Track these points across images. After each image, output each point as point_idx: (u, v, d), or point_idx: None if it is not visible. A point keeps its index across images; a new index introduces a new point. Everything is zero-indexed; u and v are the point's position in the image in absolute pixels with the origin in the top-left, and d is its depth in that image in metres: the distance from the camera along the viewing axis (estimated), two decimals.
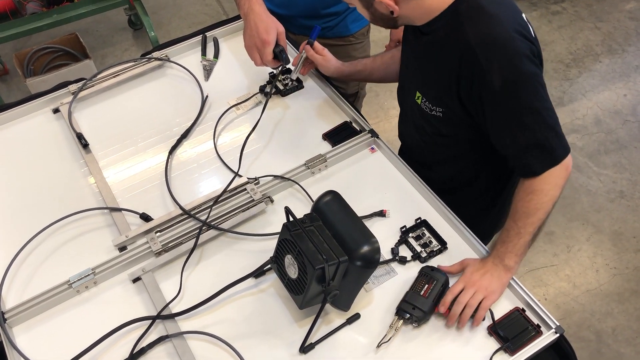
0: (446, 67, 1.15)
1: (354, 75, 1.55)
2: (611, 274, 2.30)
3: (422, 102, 1.26)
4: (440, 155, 1.37)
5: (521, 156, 1.13)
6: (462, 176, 1.38)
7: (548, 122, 1.11)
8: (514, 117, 1.11)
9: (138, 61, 1.65)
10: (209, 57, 1.69)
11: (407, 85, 1.35)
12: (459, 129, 1.26)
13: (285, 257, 1.08)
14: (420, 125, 1.33)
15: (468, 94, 1.14)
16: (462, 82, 1.13)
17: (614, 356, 2.09)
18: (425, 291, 1.13)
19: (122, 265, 1.22)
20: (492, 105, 1.12)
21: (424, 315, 1.11)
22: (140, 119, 1.53)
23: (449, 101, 1.19)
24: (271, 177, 1.36)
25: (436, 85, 1.21)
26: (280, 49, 1.42)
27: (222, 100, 1.57)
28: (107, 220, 1.32)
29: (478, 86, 1.11)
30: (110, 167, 1.42)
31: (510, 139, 1.14)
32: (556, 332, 1.10)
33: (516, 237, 1.14)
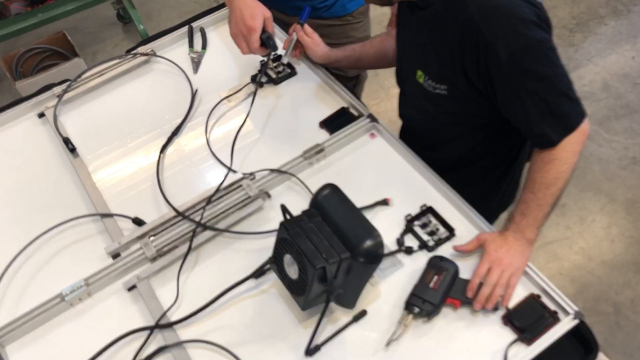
0: (448, 42, 1.09)
1: (343, 61, 1.48)
2: (627, 244, 2.23)
3: (425, 80, 1.19)
4: (445, 135, 1.30)
5: (535, 127, 1.07)
6: (468, 155, 1.32)
7: (560, 87, 1.05)
8: (524, 87, 1.04)
9: (123, 58, 1.59)
10: (197, 48, 1.62)
11: (406, 65, 1.28)
12: (465, 106, 1.19)
13: (284, 257, 1.03)
14: (423, 106, 1.26)
15: (474, 69, 1.08)
16: (467, 56, 1.07)
17: (634, 328, 2.02)
18: (435, 283, 1.07)
19: (116, 274, 1.17)
20: (500, 77, 1.05)
21: (435, 308, 1.05)
22: (128, 119, 1.47)
23: (454, 77, 1.13)
24: (267, 171, 1.29)
25: (438, 61, 1.14)
26: (268, 35, 1.35)
27: (212, 93, 1.50)
28: (98, 227, 1.27)
29: (484, 60, 1.04)
30: (100, 171, 1.36)
31: (522, 110, 1.07)
32: (575, 317, 1.04)
33: (536, 209, 1.09)
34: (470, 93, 1.14)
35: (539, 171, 1.09)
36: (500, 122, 1.17)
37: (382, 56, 1.45)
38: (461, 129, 1.26)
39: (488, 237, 1.11)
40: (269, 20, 1.36)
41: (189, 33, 1.64)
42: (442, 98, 1.18)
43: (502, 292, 1.06)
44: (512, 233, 1.10)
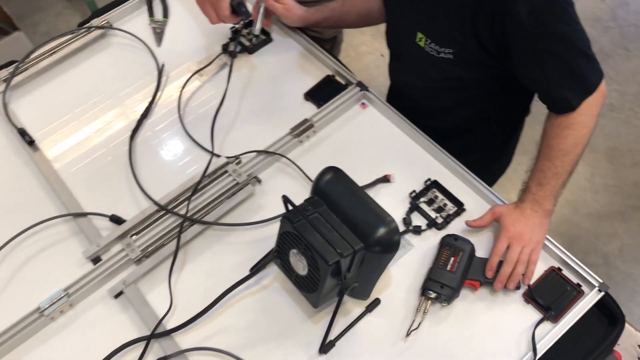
0: (457, 3, 0.99)
1: (322, 23, 1.35)
2: (611, 193, 2.22)
3: (427, 44, 1.09)
4: (448, 102, 1.21)
5: (555, 90, 1.00)
6: (470, 122, 1.24)
7: (580, 47, 0.97)
8: (544, 48, 0.96)
9: (76, 33, 1.42)
10: (158, 17, 1.46)
11: (401, 26, 1.17)
12: (472, 71, 1.10)
13: (290, 251, 0.93)
14: (423, 70, 1.16)
15: (488, 30, 0.98)
16: (480, 16, 0.97)
17: (624, 278, 2.03)
18: (452, 265, 1.00)
19: (99, 280, 1.05)
20: (518, 38, 0.97)
21: (454, 292, 0.98)
22: (89, 102, 1.31)
23: (463, 40, 1.03)
24: (254, 153, 1.18)
25: (445, 23, 1.04)
26: (239, 1, 1.21)
27: (181, 68, 1.36)
28: (72, 228, 1.13)
29: (501, 19, 0.95)
30: (65, 165, 1.22)
31: (542, 73, 0.99)
32: (600, 290, 0.99)
33: (554, 178, 1.02)
34: (479, 57, 1.04)
35: (556, 137, 1.02)
36: (508, 87, 1.08)
37: (365, 15, 1.32)
38: (466, 95, 1.17)
39: (504, 211, 1.03)
40: None
41: (148, 0, 1.48)
42: (448, 62, 1.09)
43: (523, 269, 0.99)
44: (529, 204, 1.02)
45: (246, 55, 1.37)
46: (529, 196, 1.03)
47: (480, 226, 1.05)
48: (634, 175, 2.26)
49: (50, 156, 1.23)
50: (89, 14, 2.79)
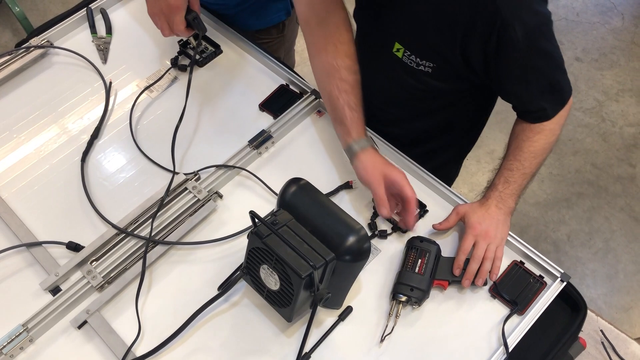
0: (452, 18, 1.00)
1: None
2: (555, 182, 2.32)
3: (405, 55, 1.10)
4: (414, 110, 1.23)
5: (535, 102, 1.04)
6: (434, 130, 1.26)
7: (559, 62, 1.03)
8: (531, 65, 1.00)
9: (14, 53, 1.35)
10: (101, 33, 1.42)
11: (376, 35, 1.17)
12: (448, 83, 1.12)
13: (260, 267, 0.92)
14: (396, 80, 1.17)
15: (479, 48, 1.00)
16: (475, 34, 0.99)
17: (574, 262, 2.12)
18: (420, 267, 1.01)
19: (60, 312, 1.01)
20: (508, 56, 0.99)
21: (424, 293, 1.00)
22: (34, 126, 1.26)
23: (447, 55, 1.05)
24: (213, 167, 1.16)
25: (432, 37, 1.05)
26: (194, 16, 1.18)
27: (130, 85, 1.32)
28: (26, 259, 1.08)
29: (497, 38, 0.97)
30: (14, 193, 1.16)
31: (524, 86, 1.03)
32: (562, 280, 1.03)
33: (521, 178, 1.06)
34: (459, 71, 1.07)
35: (527, 140, 1.06)
36: (477, 95, 1.12)
37: None
38: (435, 104, 1.19)
39: (468, 209, 1.06)
40: None
41: (89, 17, 1.43)
42: (425, 74, 1.11)
43: (490, 266, 1.02)
44: (494, 202, 1.05)
45: (196, 69, 1.35)
46: (495, 193, 1.06)
47: (447, 228, 1.07)
48: (575, 163, 2.36)
49: None
50: (20, 30, 2.71)
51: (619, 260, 2.15)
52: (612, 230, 2.21)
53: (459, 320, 1.01)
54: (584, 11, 2.91)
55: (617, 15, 2.89)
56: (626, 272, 2.13)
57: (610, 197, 2.29)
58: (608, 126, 2.50)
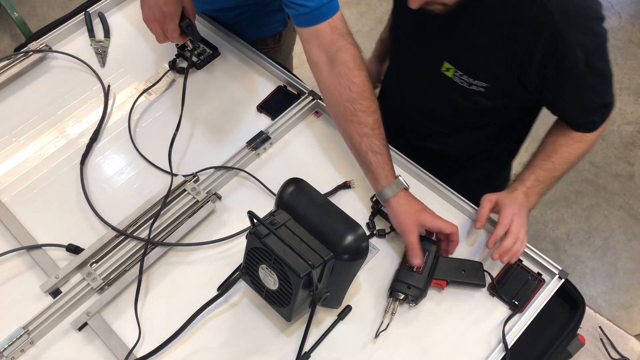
0: (509, 42, 1.00)
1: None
2: None
3: (456, 75, 1.10)
4: (456, 126, 1.24)
5: (585, 116, 1.07)
6: (476, 143, 1.27)
7: (610, 79, 1.05)
8: (587, 83, 1.02)
9: (13, 58, 1.36)
10: (99, 37, 1.42)
11: (423, 54, 1.16)
12: (500, 101, 1.12)
13: (259, 267, 0.92)
14: (442, 96, 1.17)
15: (537, 70, 1.01)
16: (534, 58, 0.99)
17: (573, 261, 2.12)
18: (419, 266, 1.01)
19: (60, 314, 1.01)
20: (567, 77, 1.00)
21: (421, 292, 1.00)
22: (33, 129, 1.26)
23: (503, 76, 1.05)
24: (212, 169, 1.16)
25: (487, 60, 1.05)
26: (188, 23, 1.18)
27: (128, 88, 1.33)
28: (26, 262, 1.09)
29: (557, 61, 0.98)
30: (14, 197, 1.17)
31: (577, 104, 1.06)
32: (560, 277, 1.03)
33: (550, 179, 1.08)
34: (512, 89, 1.07)
35: (565, 145, 1.08)
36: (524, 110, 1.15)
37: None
38: (482, 120, 1.20)
39: (499, 196, 1.05)
40: (189, 3, 1.18)
41: (87, 21, 1.44)
42: (477, 94, 1.11)
43: (521, 247, 1.01)
44: (521, 195, 1.06)
45: (194, 71, 1.35)
46: (522, 188, 1.06)
47: (484, 219, 1.04)
48: None
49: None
50: (19, 36, 2.71)
51: (618, 258, 2.15)
52: (611, 229, 2.22)
53: (458, 319, 1.01)
54: None
55: (614, 15, 2.90)
56: (626, 270, 2.13)
57: (609, 196, 2.30)
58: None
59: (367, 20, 2.90)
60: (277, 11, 1.50)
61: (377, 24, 2.88)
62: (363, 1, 2.97)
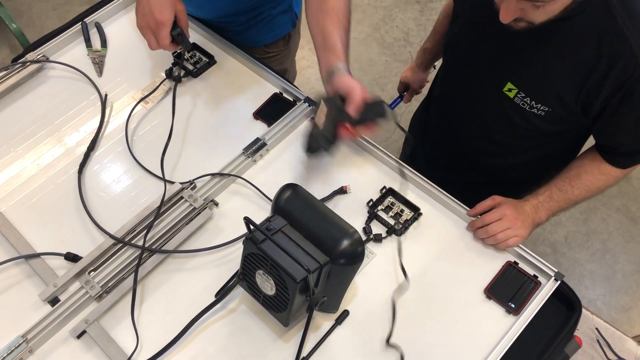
0: (581, 67, 0.99)
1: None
2: None
3: (519, 96, 1.09)
4: (509, 147, 1.24)
5: (625, 148, 1.06)
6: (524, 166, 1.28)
7: None
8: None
9: (10, 68, 1.37)
10: (96, 47, 1.44)
11: (486, 73, 1.15)
12: (556, 126, 1.12)
13: (256, 273, 0.93)
14: (500, 117, 1.16)
15: (605, 97, 1.00)
16: (605, 84, 0.98)
17: (572, 264, 2.13)
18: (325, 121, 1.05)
19: (59, 322, 1.02)
20: (631, 106, 0.99)
21: (327, 140, 1.06)
22: (31, 139, 1.27)
23: (566, 101, 1.04)
24: (208, 176, 1.17)
25: (554, 84, 1.04)
26: (179, 32, 1.20)
27: (125, 96, 1.34)
28: (25, 271, 1.09)
29: (627, 89, 0.97)
30: (12, 206, 1.17)
31: (628, 134, 1.04)
32: (556, 279, 1.04)
33: (564, 201, 1.08)
34: (574, 116, 1.07)
35: (590, 174, 1.08)
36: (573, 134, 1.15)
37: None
38: (535, 142, 1.20)
39: (504, 199, 1.08)
40: (182, 13, 1.20)
41: (84, 31, 1.45)
42: (537, 117, 1.10)
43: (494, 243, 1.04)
44: (529, 206, 1.07)
45: (191, 79, 1.36)
46: (534, 201, 1.08)
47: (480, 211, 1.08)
48: None
49: None
50: (17, 47, 2.73)
51: (616, 261, 2.16)
52: (609, 231, 2.22)
53: (454, 322, 1.02)
54: None
55: None
56: (624, 272, 2.13)
57: (607, 198, 2.31)
58: None
59: (363, 27, 2.91)
60: (287, 11, 1.53)
61: (373, 30, 2.90)
62: (359, 8, 2.99)
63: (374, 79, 2.71)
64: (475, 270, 1.07)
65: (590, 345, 1.09)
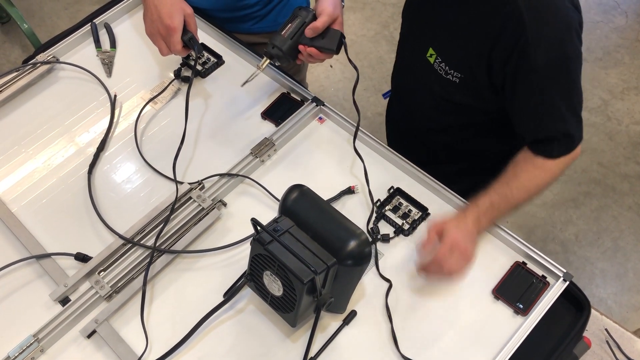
0: (481, 30, 1.00)
1: None
2: (562, 182, 2.31)
3: (437, 62, 1.10)
4: (440, 123, 1.25)
5: (543, 141, 1.04)
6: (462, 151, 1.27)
7: (577, 109, 1.03)
8: (547, 101, 1.00)
9: (21, 69, 1.38)
10: (105, 47, 1.45)
11: (415, 38, 1.17)
12: (473, 99, 1.12)
13: (264, 273, 0.93)
14: (427, 84, 1.17)
15: (501, 64, 1.00)
16: (499, 48, 0.99)
17: (582, 263, 2.12)
18: (286, 30, 1.12)
19: (69, 322, 1.03)
20: (526, 82, 0.99)
21: (282, 54, 1.12)
22: (42, 140, 1.28)
23: (474, 68, 1.05)
24: (217, 176, 1.18)
25: (462, 47, 1.05)
26: (190, 37, 1.20)
27: (134, 97, 1.35)
28: (36, 271, 1.11)
29: (517, 58, 0.97)
30: (23, 207, 1.19)
31: (537, 124, 1.04)
32: (564, 279, 1.03)
33: (505, 207, 1.05)
34: (485, 87, 1.07)
35: (526, 172, 1.06)
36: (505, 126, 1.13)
37: None
38: (461, 121, 1.20)
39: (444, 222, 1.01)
40: (190, 17, 1.20)
41: (93, 31, 1.46)
42: (452, 85, 1.10)
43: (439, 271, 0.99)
44: (471, 219, 1.02)
45: (199, 79, 1.37)
46: (475, 212, 1.03)
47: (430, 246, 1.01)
48: (582, 163, 2.36)
49: (6, 199, 1.20)
50: (29, 46, 2.75)
51: (628, 259, 2.14)
52: (620, 229, 2.21)
53: (461, 321, 1.02)
54: (586, 10, 2.91)
55: (621, 14, 2.89)
56: (636, 270, 2.12)
57: (618, 196, 2.29)
58: (614, 125, 2.50)
59: (372, 25, 2.91)
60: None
61: (382, 28, 2.89)
62: (368, 6, 2.98)
63: (382, 76, 2.71)
64: (483, 270, 1.06)
65: (600, 346, 1.08)
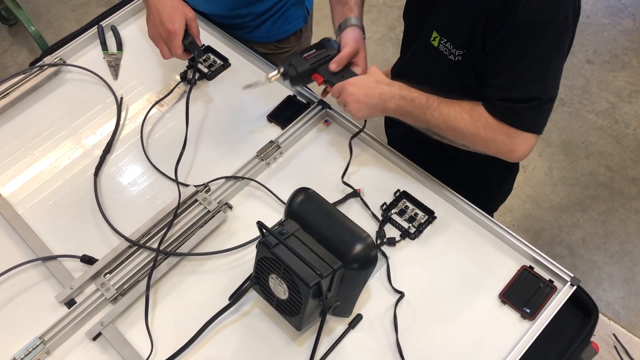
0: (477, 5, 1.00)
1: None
2: (569, 185, 2.30)
3: (441, 43, 1.10)
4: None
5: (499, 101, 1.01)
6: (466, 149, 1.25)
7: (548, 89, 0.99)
8: (519, 64, 0.98)
9: (28, 72, 1.39)
10: (112, 50, 1.45)
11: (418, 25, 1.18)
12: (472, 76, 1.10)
13: (269, 277, 0.93)
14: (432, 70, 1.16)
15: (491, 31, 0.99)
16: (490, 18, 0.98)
17: (589, 266, 2.10)
18: (309, 55, 1.15)
19: (75, 324, 1.03)
20: (505, 41, 0.97)
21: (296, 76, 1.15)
22: (48, 142, 1.29)
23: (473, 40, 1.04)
24: (223, 179, 1.18)
25: (462, 21, 1.04)
26: (191, 41, 1.20)
27: (140, 99, 1.35)
28: (42, 273, 1.11)
29: (502, 18, 0.96)
30: (29, 209, 1.19)
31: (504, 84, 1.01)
32: (572, 284, 1.02)
33: (419, 113, 1.07)
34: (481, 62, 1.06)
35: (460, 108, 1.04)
36: None
37: None
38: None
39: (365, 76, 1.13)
40: (192, 21, 1.21)
41: (100, 34, 1.46)
42: (455, 65, 1.10)
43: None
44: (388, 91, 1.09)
45: (205, 82, 1.37)
46: (395, 86, 1.09)
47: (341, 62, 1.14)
48: (589, 166, 2.35)
49: (12, 201, 1.20)
50: (36, 49, 2.76)
51: (635, 263, 2.12)
52: (628, 233, 2.19)
53: (467, 326, 1.01)
54: (594, 13, 2.89)
55: (628, 17, 2.87)
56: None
57: (625, 200, 2.27)
58: (621, 128, 2.48)
59: (378, 27, 2.90)
60: (299, 4, 1.54)
61: (388, 30, 2.89)
62: (374, 8, 2.98)
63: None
64: (489, 274, 1.06)
65: (607, 352, 1.07)
